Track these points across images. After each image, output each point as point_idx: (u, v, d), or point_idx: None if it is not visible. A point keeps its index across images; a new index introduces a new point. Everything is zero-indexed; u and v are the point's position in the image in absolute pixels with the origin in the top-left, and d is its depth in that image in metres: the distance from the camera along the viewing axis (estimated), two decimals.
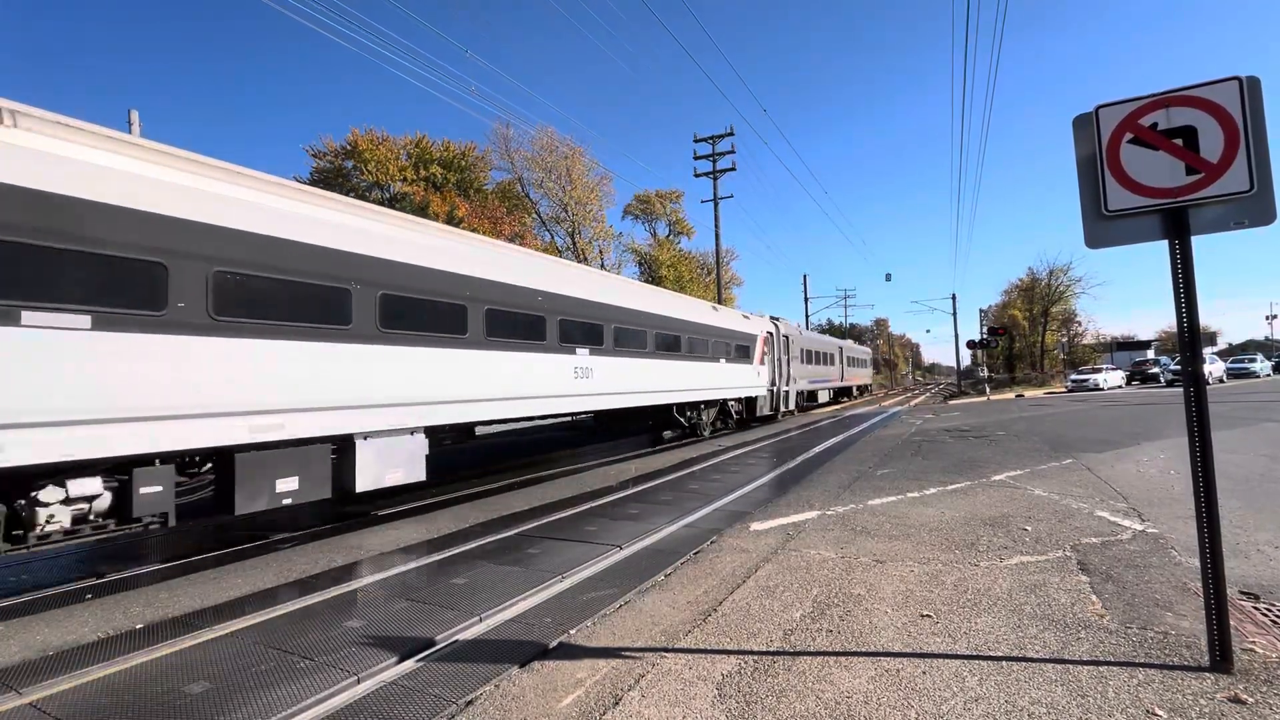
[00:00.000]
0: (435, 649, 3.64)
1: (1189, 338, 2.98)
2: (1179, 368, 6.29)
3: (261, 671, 3.40)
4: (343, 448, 6.35)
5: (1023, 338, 58.63)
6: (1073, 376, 35.58)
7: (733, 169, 28.50)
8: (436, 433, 7.65)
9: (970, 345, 37.90)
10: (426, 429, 7.16)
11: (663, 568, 4.98)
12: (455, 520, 7.18)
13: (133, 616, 4.44)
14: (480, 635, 3.86)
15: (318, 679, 3.25)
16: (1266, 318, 68.87)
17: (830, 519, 6.33)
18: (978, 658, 3.15)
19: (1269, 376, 36.80)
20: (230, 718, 2.94)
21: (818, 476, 9.14)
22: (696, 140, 28.58)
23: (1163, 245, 3.08)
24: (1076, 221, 3.25)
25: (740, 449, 13.23)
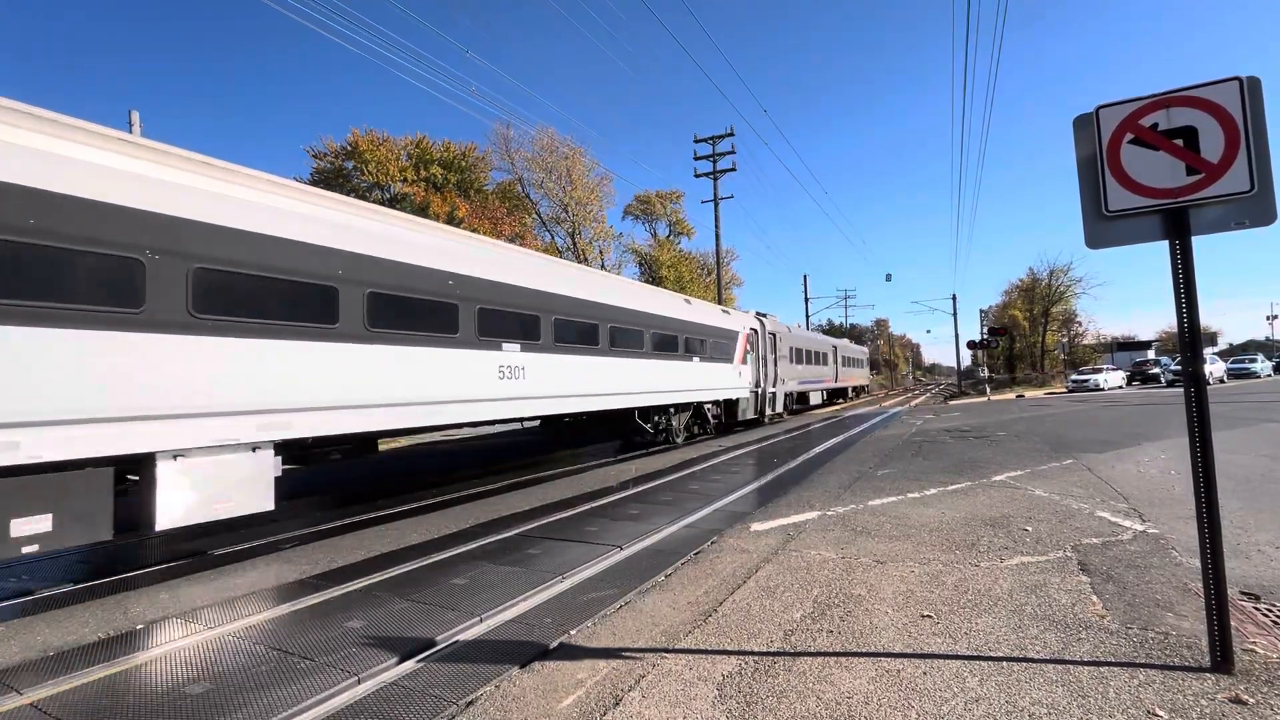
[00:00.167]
0: (436, 649, 3.64)
1: (1189, 338, 2.98)
2: (1179, 368, 6.26)
3: (262, 672, 3.40)
4: (139, 470, 4.92)
5: (1023, 338, 58.64)
6: (1073, 377, 35.59)
7: (733, 169, 28.55)
8: (301, 447, 6.31)
9: (971, 345, 37.93)
10: (278, 444, 5.63)
11: (663, 568, 4.99)
12: (455, 520, 7.19)
13: (133, 617, 4.45)
14: (481, 636, 3.86)
15: (318, 679, 3.25)
16: (1267, 318, 68.85)
17: (831, 519, 6.33)
18: (978, 658, 3.15)
19: (1269, 377, 36.79)
20: (231, 718, 2.94)
21: (818, 477, 9.14)
22: (697, 140, 28.63)
23: (1163, 245, 3.08)
24: (1077, 221, 3.25)
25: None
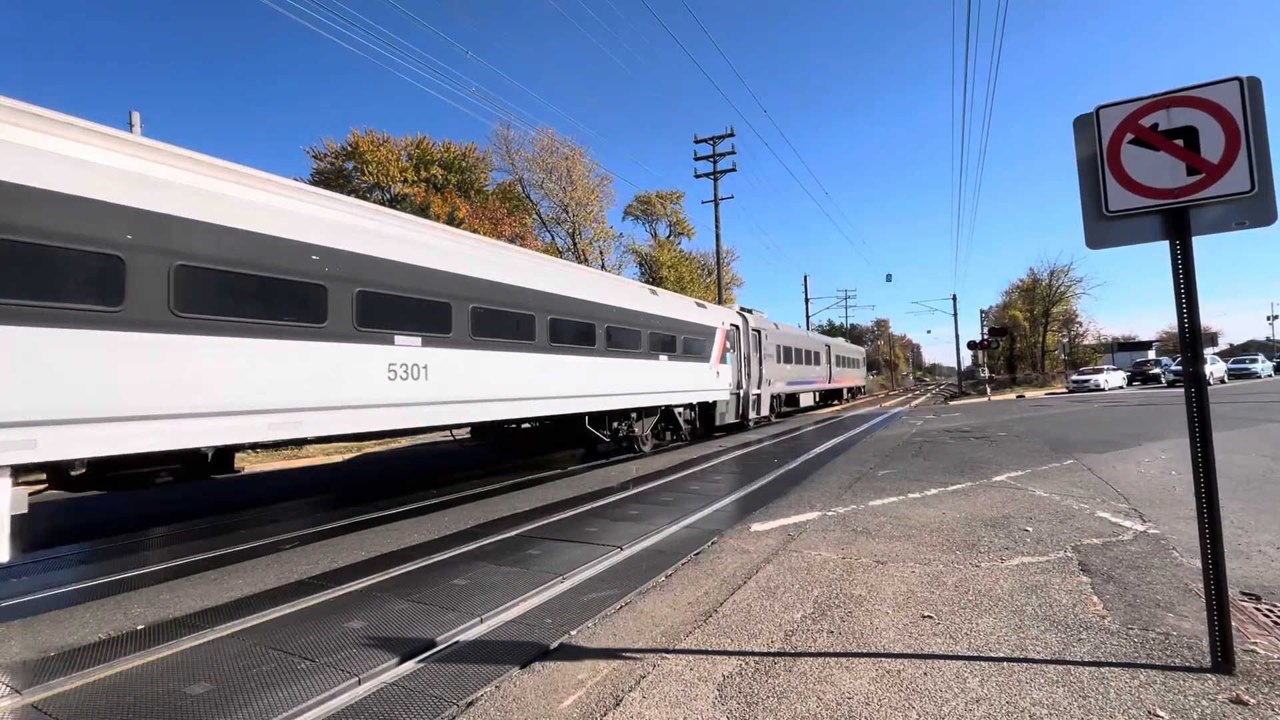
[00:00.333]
0: (436, 650, 3.64)
1: (1190, 338, 2.98)
2: (1180, 368, 6.26)
3: (263, 672, 3.40)
4: None
5: (1023, 338, 58.65)
6: (1074, 377, 35.60)
7: (733, 169, 28.56)
8: (68, 469, 4.88)
9: (971, 346, 37.91)
10: (17, 468, 4.25)
11: (663, 568, 4.98)
12: (456, 521, 7.18)
13: (134, 617, 4.45)
14: (481, 636, 3.86)
15: (319, 680, 3.25)
16: (1268, 318, 68.80)
17: (831, 520, 6.33)
18: (979, 659, 3.15)
19: (1270, 377, 36.77)
20: (231, 719, 2.94)
21: (818, 477, 9.14)
22: (697, 141, 28.64)
23: (1163, 246, 3.08)
24: (1077, 222, 3.25)
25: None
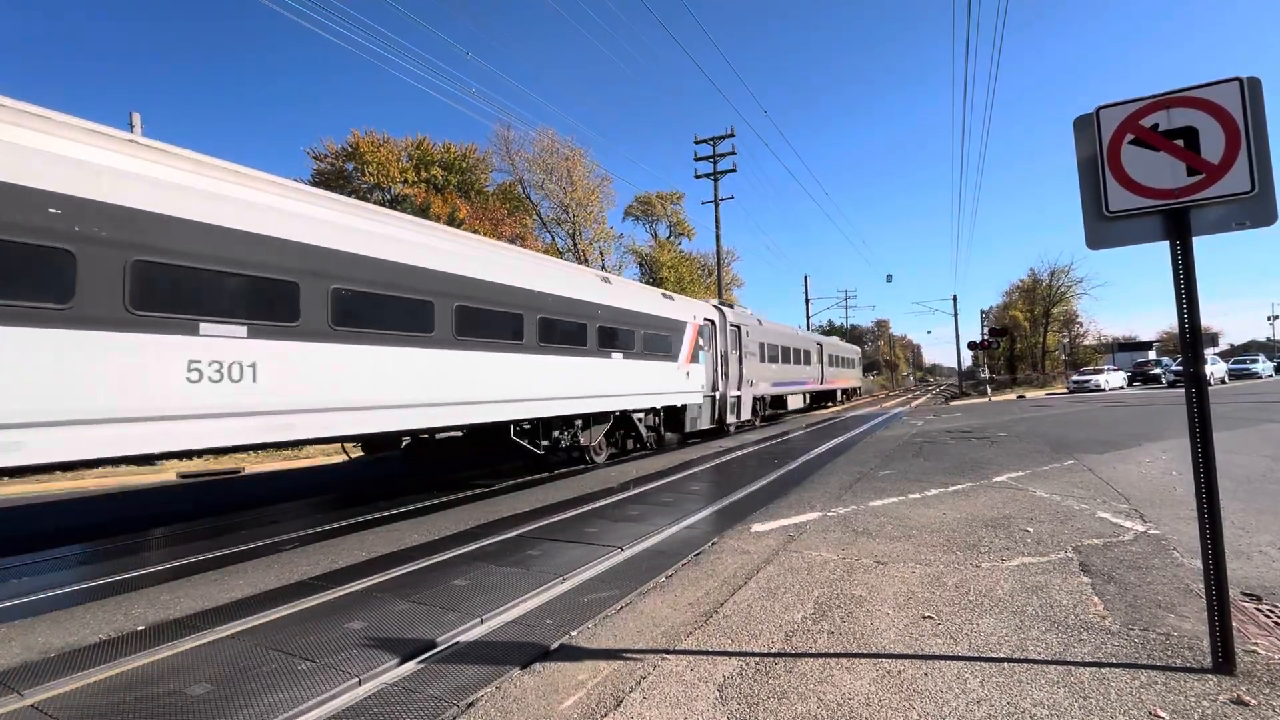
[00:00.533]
0: (436, 650, 3.64)
1: (1190, 339, 2.98)
2: (1180, 369, 6.26)
3: (263, 673, 3.40)
4: None
5: (1024, 339, 58.67)
6: (1074, 377, 35.62)
7: (733, 170, 28.54)
8: None
9: (971, 346, 37.91)
10: None
11: (664, 569, 4.98)
12: (456, 522, 7.18)
13: (134, 618, 4.45)
14: (481, 637, 3.86)
15: (319, 680, 3.25)
16: (1268, 318, 68.76)
17: (831, 520, 6.32)
18: (980, 659, 3.15)
19: (1271, 377, 36.75)
20: (231, 719, 2.94)
21: (819, 478, 9.14)
22: (697, 141, 28.63)
23: (1164, 246, 3.08)
24: (1077, 222, 3.25)
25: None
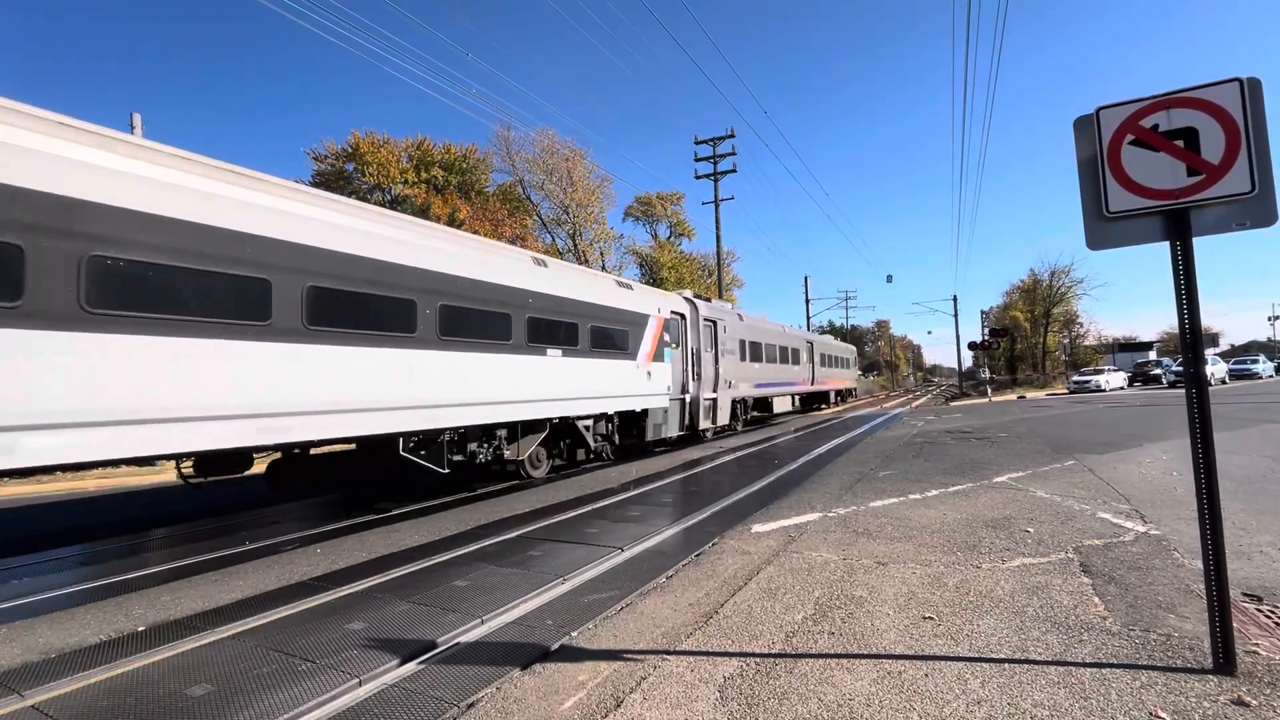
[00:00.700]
0: (437, 651, 3.64)
1: (1191, 339, 2.98)
2: (1181, 369, 6.26)
3: (263, 674, 3.40)
4: None
5: (1024, 339, 58.68)
6: (1074, 378, 35.62)
7: (733, 170, 28.58)
8: None
9: (971, 347, 37.90)
10: None
11: (664, 570, 4.98)
12: (457, 522, 7.18)
13: (135, 619, 4.45)
14: (482, 637, 3.86)
15: (319, 681, 3.25)
16: (1269, 319, 68.66)
17: (832, 521, 6.32)
18: (980, 660, 3.15)
19: (1271, 377, 36.73)
20: None
21: (819, 478, 9.14)
22: (697, 142, 28.67)
23: (1164, 246, 3.08)
24: (1078, 222, 3.25)
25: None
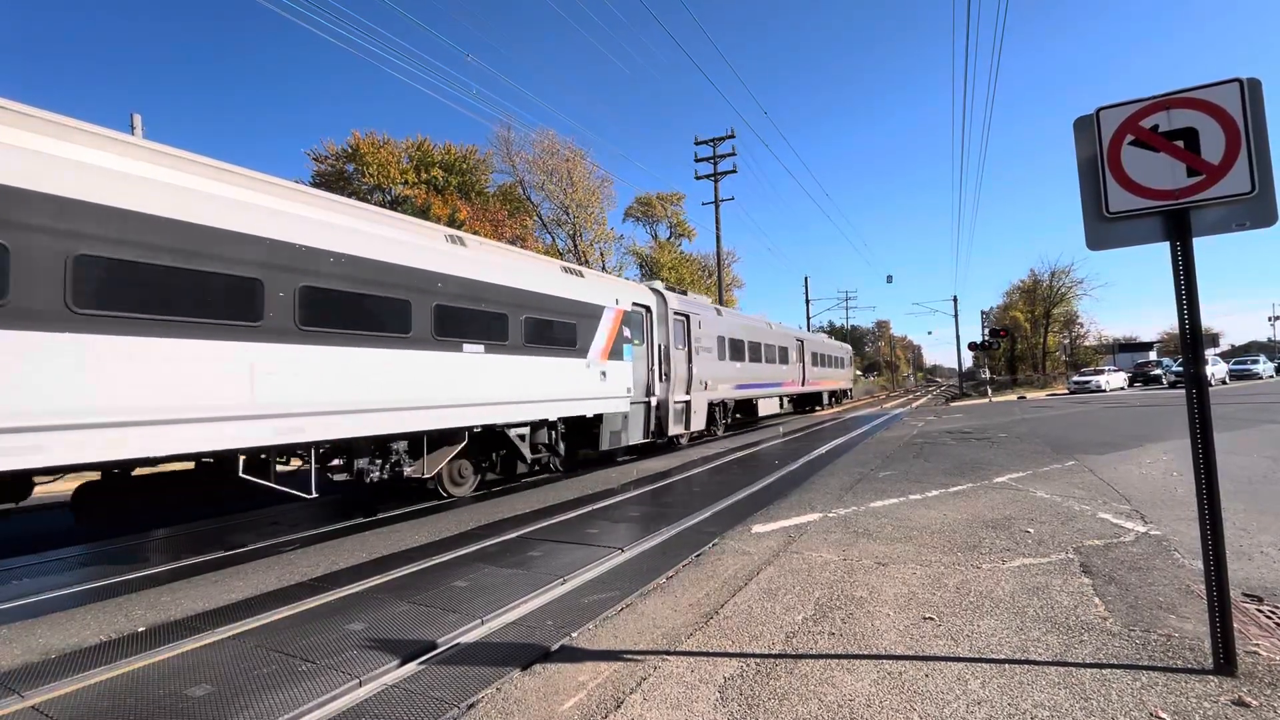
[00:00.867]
0: (437, 652, 3.64)
1: (1191, 339, 2.98)
2: (1181, 369, 6.26)
3: (263, 675, 3.40)
4: None
5: (1024, 339, 58.61)
6: (1075, 378, 35.59)
7: (733, 171, 28.54)
8: None
9: (972, 347, 37.85)
10: None
11: (664, 570, 4.98)
12: (457, 523, 7.18)
13: (134, 619, 4.45)
14: (482, 638, 3.85)
15: (319, 682, 3.25)
16: (1269, 319, 68.66)
17: (832, 521, 6.32)
18: (981, 660, 3.14)
19: (1271, 378, 36.71)
20: None
21: (819, 479, 9.13)
22: (697, 143, 28.63)
23: (1164, 247, 3.08)
24: (1078, 222, 3.25)
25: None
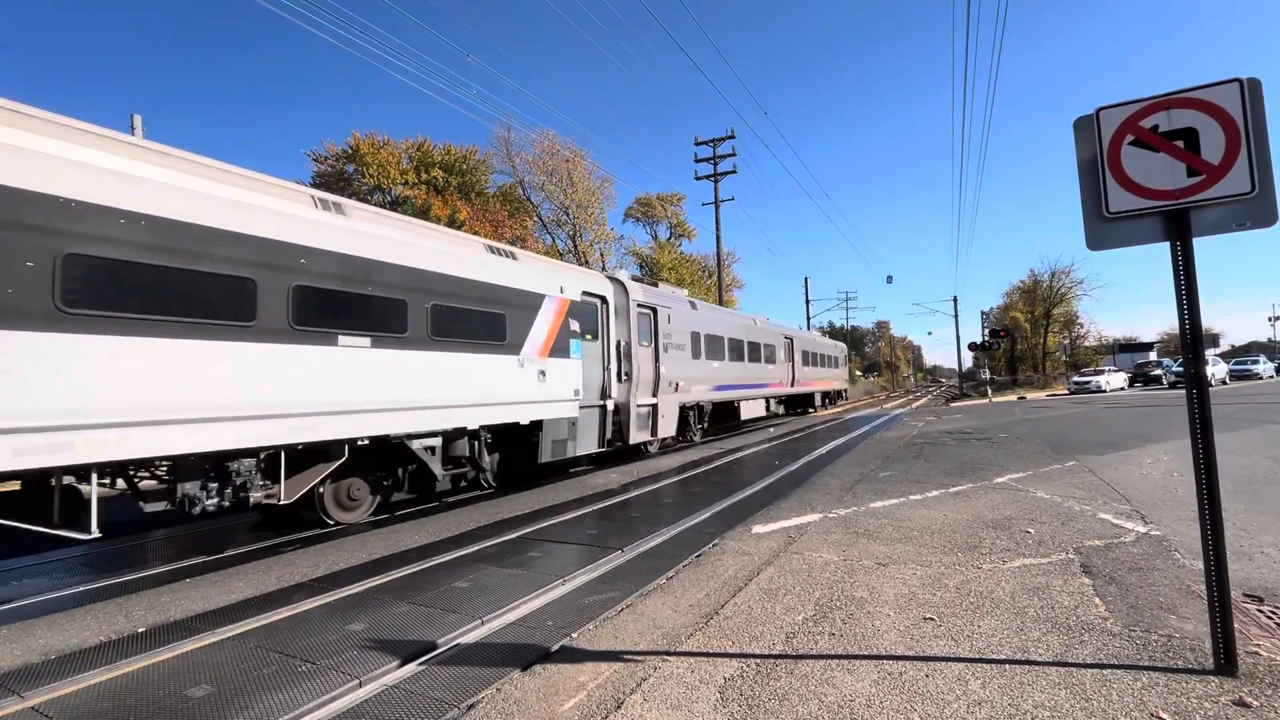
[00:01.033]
0: (437, 652, 3.64)
1: (1191, 340, 2.98)
2: (1181, 369, 6.26)
3: (264, 675, 3.39)
4: None
5: (1024, 340, 58.59)
6: (1075, 379, 35.59)
7: (733, 171, 28.56)
8: None
9: (972, 347, 37.85)
10: None
11: (664, 571, 4.98)
12: (457, 523, 7.18)
13: (135, 620, 4.44)
14: (482, 638, 3.85)
15: (319, 682, 3.25)
16: (1269, 319, 68.68)
17: (832, 521, 6.32)
18: (981, 661, 3.14)
19: (1272, 378, 36.71)
20: None
21: (820, 479, 9.13)
22: (697, 143, 28.65)
23: (1164, 247, 3.08)
24: (1078, 222, 3.25)
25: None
